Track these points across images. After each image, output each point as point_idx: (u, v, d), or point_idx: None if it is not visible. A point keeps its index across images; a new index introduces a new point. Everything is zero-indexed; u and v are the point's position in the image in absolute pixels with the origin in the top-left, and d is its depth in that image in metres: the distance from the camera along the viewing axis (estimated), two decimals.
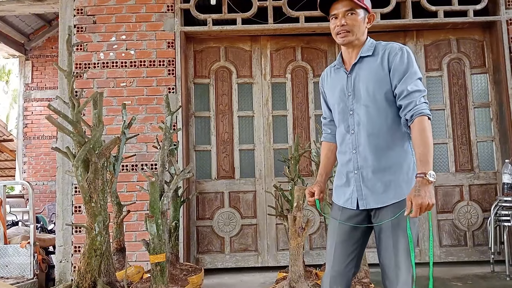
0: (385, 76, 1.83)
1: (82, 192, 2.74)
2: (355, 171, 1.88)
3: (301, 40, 4.73)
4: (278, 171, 4.53)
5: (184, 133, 4.34)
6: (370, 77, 1.85)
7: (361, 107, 1.86)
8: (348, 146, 1.91)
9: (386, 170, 1.82)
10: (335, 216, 1.95)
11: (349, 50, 1.93)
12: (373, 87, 1.83)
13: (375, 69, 1.85)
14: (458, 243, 4.46)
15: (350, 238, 1.89)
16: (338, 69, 1.99)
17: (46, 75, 8.85)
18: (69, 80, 2.88)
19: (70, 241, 4.22)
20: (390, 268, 1.79)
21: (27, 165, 8.71)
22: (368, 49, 1.89)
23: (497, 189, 4.51)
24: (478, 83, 4.67)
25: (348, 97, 1.90)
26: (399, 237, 1.77)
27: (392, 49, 1.84)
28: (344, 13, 1.85)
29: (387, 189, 1.81)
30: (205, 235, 4.49)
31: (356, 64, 1.90)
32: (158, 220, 2.89)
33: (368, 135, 1.84)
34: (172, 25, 4.42)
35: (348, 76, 1.92)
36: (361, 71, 1.88)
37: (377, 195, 1.82)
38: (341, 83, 1.94)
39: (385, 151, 1.83)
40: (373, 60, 1.87)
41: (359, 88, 1.87)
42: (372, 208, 1.85)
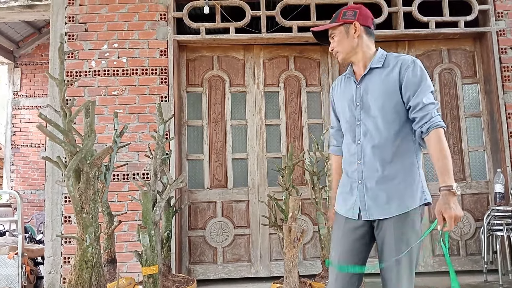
0: (395, 89, 1.82)
1: (73, 203, 2.68)
2: (359, 181, 1.87)
3: (294, 50, 4.74)
4: (271, 180, 4.51)
5: (176, 142, 4.29)
6: (380, 89, 1.85)
7: (369, 118, 1.86)
8: (353, 156, 1.90)
9: (390, 182, 1.81)
10: (338, 227, 1.92)
11: (355, 63, 1.96)
12: (382, 99, 1.83)
13: (385, 81, 1.84)
14: (451, 253, 4.47)
15: (354, 250, 1.86)
16: (348, 78, 2.00)
17: (35, 83, 8.76)
18: (60, 88, 2.83)
19: (59, 252, 4.13)
20: (391, 283, 1.77)
21: (15, 173, 8.57)
22: (378, 60, 1.89)
23: (489, 199, 4.53)
24: (469, 93, 4.72)
25: (356, 107, 1.90)
26: (402, 252, 1.75)
27: (404, 62, 1.84)
28: (330, 37, 1.98)
29: (390, 200, 1.80)
30: (197, 245, 4.44)
31: (366, 75, 1.90)
32: (151, 231, 2.84)
33: (374, 146, 1.84)
34: (165, 34, 4.39)
35: (357, 86, 1.92)
36: (370, 82, 1.88)
37: (380, 207, 1.81)
38: (350, 93, 1.95)
39: (390, 163, 1.82)
40: (383, 71, 1.87)
41: (368, 99, 1.87)
42: (374, 220, 1.83)
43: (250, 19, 4.50)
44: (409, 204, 1.79)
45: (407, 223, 1.78)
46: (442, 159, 1.72)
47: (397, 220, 1.78)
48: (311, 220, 4.50)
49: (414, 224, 1.79)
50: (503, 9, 4.54)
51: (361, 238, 1.87)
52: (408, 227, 1.78)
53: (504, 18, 4.53)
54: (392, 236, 1.77)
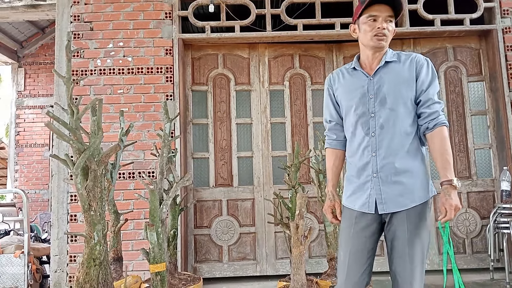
0: (411, 83, 1.87)
1: (81, 200, 2.68)
2: (373, 174, 1.85)
3: (299, 48, 4.73)
4: (276, 178, 4.50)
5: (182, 141, 4.30)
6: (397, 82, 1.87)
7: (385, 110, 1.86)
8: (367, 149, 1.88)
9: (405, 174, 1.82)
10: (348, 224, 1.91)
11: (374, 55, 1.92)
12: (400, 91, 1.86)
13: (403, 74, 1.88)
14: (457, 251, 4.45)
15: (365, 248, 1.86)
16: (355, 71, 1.98)
17: (39, 83, 8.77)
18: (68, 86, 2.84)
19: (65, 251, 4.14)
20: (404, 277, 1.77)
21: (19, 173, 8.58)
22: (392, 56, 1.93)
23: (495, 196, 4.52)
24: (475, 91, 4.70)
25: (369, 99, 1.89)
26: (415, 245, 1.76)
27: (419, 59, 1.91)
28: (385, 18, 1.86)
29: (405, 193, 1.81)
30: (203, 243, 4.44)
31: (381, 68, 1.90)
32: (159, 228, 2.84)
33: (390, 138, 1.84)
34: (170, 32, 4.40)
35: (371, 79, 1.91)
36: (386, 75, 1.89)
37: (397, 199, 1.81)
38: (361, 86, 1.93)
39: (405, 155, 1.83)
40: (399, 66, 1.90)
41: (384, 92, 1.87)
42: (387, 214, 1.83)
43: (255, 17, 4.50)
44: (422, 196, 1.82)
45: (420, 215, 1.81)
46: (446, 155, 1.79)
47: (411, 213, 1.80)
48: (316, 218, 4.49)
49: (426, 216, 1.82)
50: (508, 6, 4.53)
51: (373, 234, 1.87)
52: (421, 219, 1.81)
53: (509, 15, 4.52)
54: (405, 230, 1.78)
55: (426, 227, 1.81)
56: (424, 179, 1.85)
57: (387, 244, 1.86)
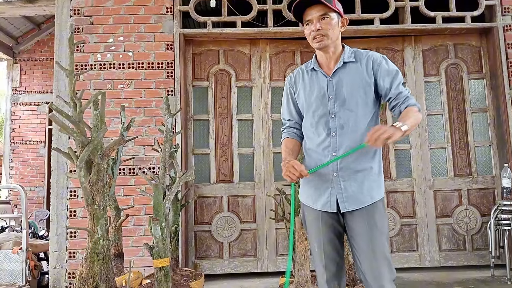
0: (370, 82, 1.88)
1: (85, 194, 2.65)
2: (334, 173, 1.86)
3: (301, 44, 4.72)
4: (277, 175, 4.48)
5: (182, 136, 4.26)
6: (355, 83, 1.88)
7: (344, 111, 1.87)
8: (327, 149, 1.88)
9: (363, 172, 1.85)
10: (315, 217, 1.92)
11: (326, 55, 1.92)
12: (358, 92, 1.87)
13: (360, 75, 1.89)
14: (457, 247, 4.46)
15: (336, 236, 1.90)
16: (314, 71, 1.97)
17: (34, 79, 8.68)
18: (71, 79, 2.80)
19: (64, 247, 4.09)
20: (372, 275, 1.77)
21: (14, 170, 8.49)
22: (349, 55, 1.92)
23: (495, 194, 4.53)
24: (475, 89, 4.71)
25: (329, 100, 1.89)
26: (377, 240, 1.79)
27: (375, 57, 1.92)
28: (318, 18, 1.86)
29: (364, 191, 1.84)
30: (203, 240, 4.41)
31: (339, 68, 1.91)
32: (163, 223, 2.81)
33: (350, 138, 1.85)
34: (171, 27, 4.36)
35: (330, 80, 1.91)
36: (344, 76, 1.90)
37: (357, 197, 1.83)
38: (320, 87, 1.93)
39: (365, 154, 1.85)
40: (356, 66, 1.91)
41: (343, 93, 1.88)
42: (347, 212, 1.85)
43: (257, 13, 4.47)
44: (379, 193, 1.87)
45: (378, 211, 1.84)
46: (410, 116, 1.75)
47: (369, 209, 1.82)
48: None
49: (383, 211, 1.86)
50: (509, 4, 4.54)
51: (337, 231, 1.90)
52: (379, 214, 1.84)
53: (510, 13, 4.53)
54: (365, 226, 1.80)
55: (384, 222, 1.85)
56: (380, 178, 1.89)
57: (350, 243, 1.88)
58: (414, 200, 4.50)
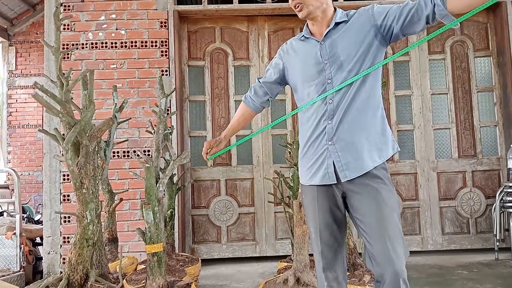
0: (366, 34, 1.69)
1: (73, 177, 2.53)
2: (329, 142, 1.71)
3: (300, 21, 4.53)
4: (276, 157, 4.36)
5: (178, 118, 4.13)
6: (350, 40, 1.70)
7: (342, 74, 1.70)
8: (323, 118, 1.73)
9: (363, 135, 1.68)
10: (311, 199, 1.78)
11: (316, 21, 1.77)
12: (356, 49, 1.69)
13: (354, 30, 1.71)
14: (461, 231, 4.36)
15: (334, 221, 1.74)
16: (306, 39, 1.82)
17: (30, 62, 8.52)
18: (56, 57, 2.66)
19: (58, 232, 4.00)
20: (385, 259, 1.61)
21: (11, 154, 8.41)
22: (342, 16, 1.75)
23: (500, 175, 4.40)
24: (481, 67, 4.54)
25: (325, 65, 1.73)
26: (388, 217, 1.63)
27: (364, 9, 1.75)
28: None
29: (364, 155, 1.67)
30: (200, 224, 4.31)
31: (331, 30, 1.74)
32: (155, 207, 2.70)
33: (348, 101, 1.69)
34: (165, 4, 4.18)
35: (322, 44, 1.75)
36: (338, 36, 1.73)
37: (357, 162, 1.67)
38: (313, 53, 1.77)
39: (365, 114, 1.69)
40: (350, 23, 1.73)
41: (338, 53, 1.71)
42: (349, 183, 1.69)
43: None
44: (384, 153, 1.69)
45: (385, 186, 1.66)
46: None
47: (372, 175, 1.66)
48: None
49: (390, 186, 1.68)
50: None
51: (338, 207, 1.75)
52: (387, 190, 1.66)
53: None
54: (373, 203, 1.64)
55: (393, 197, 1.67)
56: (384, 136, 1.71)
57: (356, 225, 1.72)
58: (417, 182, 4.38)
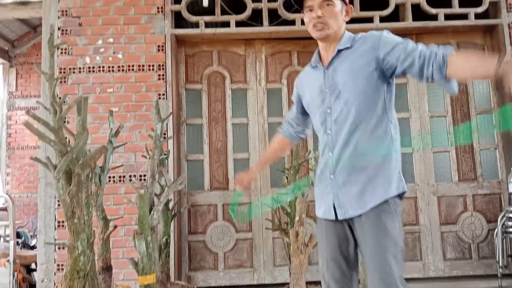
0: (367, 63, 1.63)
1: (64, 207, 2.48)
2: (331, 176, 1.67)
3: (297, 44, 4.54)
4: (274, 181, 4.30)
5: (175, 142, 4.09)
6: (348, 68, 1.66)
7: (339, 103, 1.66)
8: (326, 150, 1.71)
9: (363, 171, 1.62)
10: (320, 232, 1.75)
11: (326, 45, 1.74)
12: (352, 77, 1.64)
13: (355, 58, 1.66)
14: (462, 256, 4.26)
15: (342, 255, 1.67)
16: (315, 67, 1.80)
17: (31, 83, 8.55)
18: (50, 83, 2.64)
19: (52, 259, 3.92)
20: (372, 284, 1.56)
21: (10, 176, 8.35)
22: (346, 41, 1.70)
23: (501, 199, 4.33)
24: (480, 89, 4.52)
25: (326, 94, 1.70)
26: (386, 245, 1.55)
27: (371, 34, 1.68)
28: (320, 4, 1.68)
29: (364, 193, 1.59)
30: (197, 250, 4.23)
31: (334, 58, 1.71)
32: (148, 236, 2.65)
33: (346, 133, 1.64)
34: (162, 28, 4.19)
35: (325, 71, 1.72)
36: (339, 64, 1.69)
37: (354, 202, 1.61)
38: (319, 81, 1.74)
39: (364, 149, 1.62)
40: (352, 51, 1.68)
41: (337, 83, 1.67)
42: (351, 218, 1.63)
43: (252, 12, 4.29)
44: (384, 193, 1.60)
45: (384, 217, 1.58)
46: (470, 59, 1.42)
47: (375, 213, 1.58)
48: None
49: (393, 216, 1.60)
50: None
51: (345, 239, 1.68)
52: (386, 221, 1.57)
53: None
54: (366, 239, 1.58)
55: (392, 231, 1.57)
56: (387, 174, 1.62)
57: (360, 253, 1.67)
58: (417, 206, 4.31)
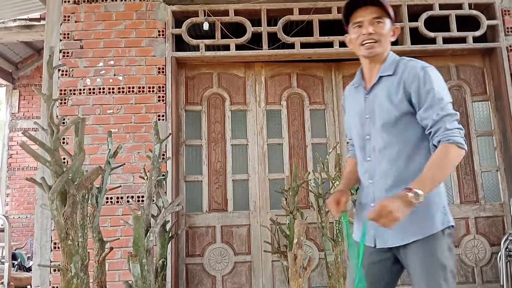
0: (400, 100, 1.60)
1: (58, 228, 2.45)
2: (371, 204, 1.64)
3: (297, 67, 4.57)
4: (274, 203, 4.26)
5: (174, 163, 4.08)
6: (386, 100, 1.63)
7: (377, 132, 1.64)
8: (365, 176, 1.69)
9: None
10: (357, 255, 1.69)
11: (371, 65, 1.70)
12: (388, 110, 1.61)
13: (394, 87, 1.62)
14: (466, 280, 4.18)
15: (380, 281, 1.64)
16: (357, 87, 1.77)
17: (33, 105, 8.62)
18: (48, 104, 2.64)
19: (48, 281, 3.86)
20: None
21: (10, 197, 8.33)
22: (389, 67, 1.66)
23: (504, 222, 4.27)
24: (479, 111, 4.52)
25: (366, 120, 1.68)
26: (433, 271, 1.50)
27: (412, 69, 1.60)
28: (371, 20, 1.63)
29: (407, 224, 1.54)
30: (195, 273, 4.16)
31: (375, 84, 1.68)
32: (143, 259, 2.60)
33: (385, 163, 1.62)
34: (163, 51, 4.24)
35: (366, 97, 1.70)
36: (379, 92, 1.66)
37: (395, 232, 1.56)
38: (359, 105, 1.72)
39: (403, 181, 1.57)
40: (393, 79, 1.63)
41: (376, 111, 1.65)
42: (397, 247, 1.59)
43: (251, 35, 4.34)
44: (427, 228, 1.55)
45: (428, 251, 1.53)
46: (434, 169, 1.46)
47: (421, 245, 1.54)
48: (316, 246, 4.22)
49: (437, 252, 1.53)
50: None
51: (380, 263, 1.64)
52: (431, 256, 1.52)
53: None
54: (416, 267, 1.54)
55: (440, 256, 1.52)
56: (430, 208, 1.56)
57: None
58: None
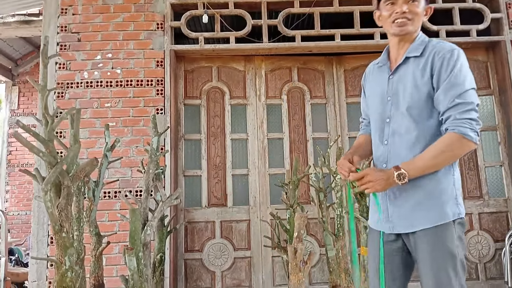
0: (425, 83, 1.55)
1: (52, 221, 2.39)
2: None
3: (297, 60, 4.51)
4: (274, 198, 4.20)
5: (172, 157, 4.02)
6: (410, 81, 1.57)
7: (398, 115, 1.59)
8: (379, 160, 1.64)
9: (417, 189, 1.52)
10: (372, 241, 1.67)
11: (399, 45, 1.65)
12: (411, 93, 1.56)
13: (417, 72, 1.57)
14: (469, 277, 4.11)
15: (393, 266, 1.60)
16: (381, 67, 1.72)
17: (33, 101, 8.57)
18: (42, 94, 2.58)
19: (44, 276, 3.81)
20: None
21: (9, 193, 8.29)
22: (416, 47, 1.61)
23: (508, 218, 4.20)
24: (483, 106, 4.45)
25: (387, 102, 1.63)
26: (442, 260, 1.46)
27: (440, 50, 1.55)
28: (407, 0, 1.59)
29: (415, 212, 1.51)
30: (194, 269, 4.10)
31: (401, 65, 1.62)
32: (139, 253, 2.55)
33: (402, 147, 1.56)
34: (161, 44, 4.18)
35: (390, 78, 1.64)
36: (404, 73, 1.60)
37: (404, 218, 1.53)
38: (382, 86, 1.67)
39: None
40: (419, 61, 1.58)
41: (399, 93, 1.59)
42: (406, 235, 1.55)
43: (251, 28, 4.28)
44: (437, 217, 1.50)
45: (438, 239, 1.48)
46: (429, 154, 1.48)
47: (432, 234, 1.49)
48: (317, 241, 4.16)
49: (447, 240, 1.48)
50: None
51: (395, 252, 1.60)
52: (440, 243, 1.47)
53: None
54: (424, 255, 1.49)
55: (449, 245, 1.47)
56: (442, 197, 1.51)
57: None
58: None
